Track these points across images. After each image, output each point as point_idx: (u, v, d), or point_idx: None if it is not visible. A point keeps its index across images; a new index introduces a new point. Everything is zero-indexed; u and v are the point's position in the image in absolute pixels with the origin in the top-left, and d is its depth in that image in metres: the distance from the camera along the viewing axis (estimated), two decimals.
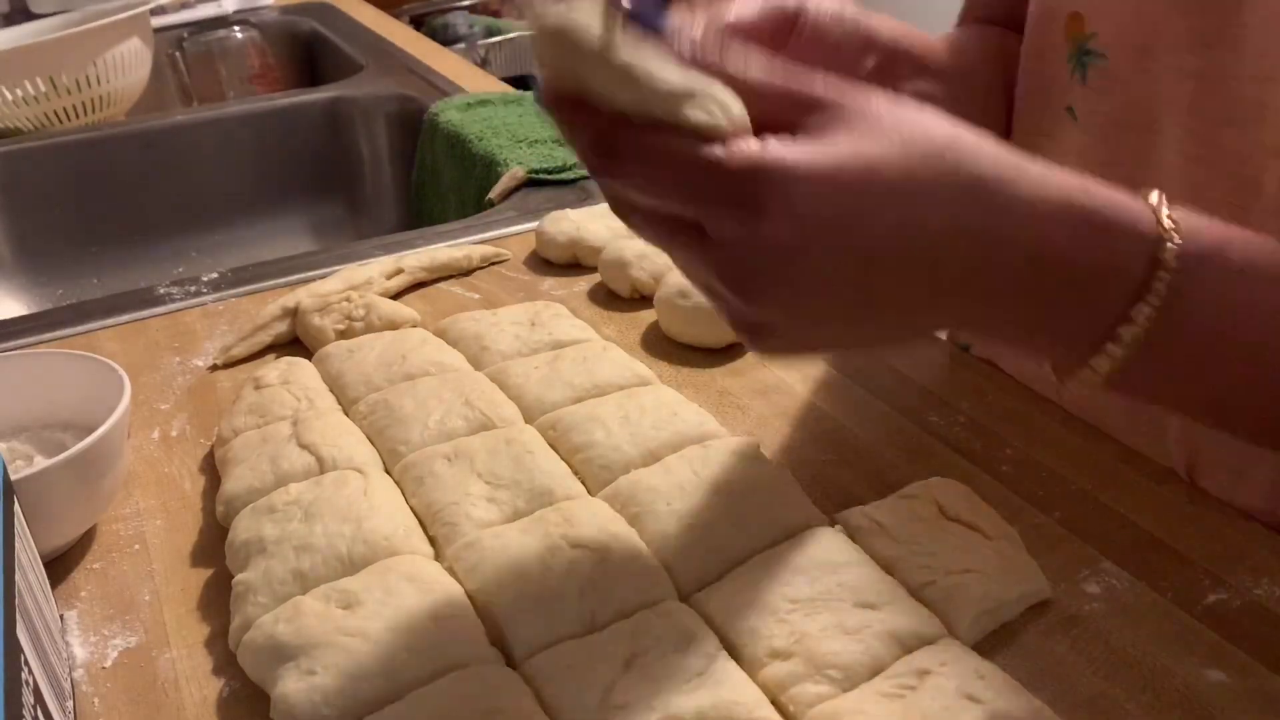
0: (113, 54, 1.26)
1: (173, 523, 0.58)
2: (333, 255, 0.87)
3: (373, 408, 0.63)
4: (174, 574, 0.55)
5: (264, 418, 0.62)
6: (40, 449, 0.59)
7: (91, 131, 1.23)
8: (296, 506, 0.53)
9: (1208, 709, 0.44)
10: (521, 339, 0.69)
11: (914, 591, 0.48)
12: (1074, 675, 0.46)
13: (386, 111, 1.30)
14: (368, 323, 0.73)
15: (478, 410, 0.61)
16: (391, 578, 0.49)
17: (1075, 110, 0.59)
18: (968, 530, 0.51)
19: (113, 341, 0.76)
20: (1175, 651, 0.46)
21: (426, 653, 0.45)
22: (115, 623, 0.52)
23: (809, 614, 0.47)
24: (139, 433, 0.66)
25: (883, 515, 0.52)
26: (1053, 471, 0.58)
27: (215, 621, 0.51)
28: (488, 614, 0.48)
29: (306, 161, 1.31)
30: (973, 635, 0.47)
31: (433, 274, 0.83)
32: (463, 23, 2.57)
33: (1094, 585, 0.50)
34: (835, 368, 0.68)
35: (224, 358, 0.73)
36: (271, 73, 1.54)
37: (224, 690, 0.48)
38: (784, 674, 0.44)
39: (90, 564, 0.55)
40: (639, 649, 0.45)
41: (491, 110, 1.16)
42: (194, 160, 1.26)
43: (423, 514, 0.55)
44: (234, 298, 0.82)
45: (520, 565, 0.49)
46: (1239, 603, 0.49)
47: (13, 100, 1.22)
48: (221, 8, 1.55)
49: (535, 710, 0.43)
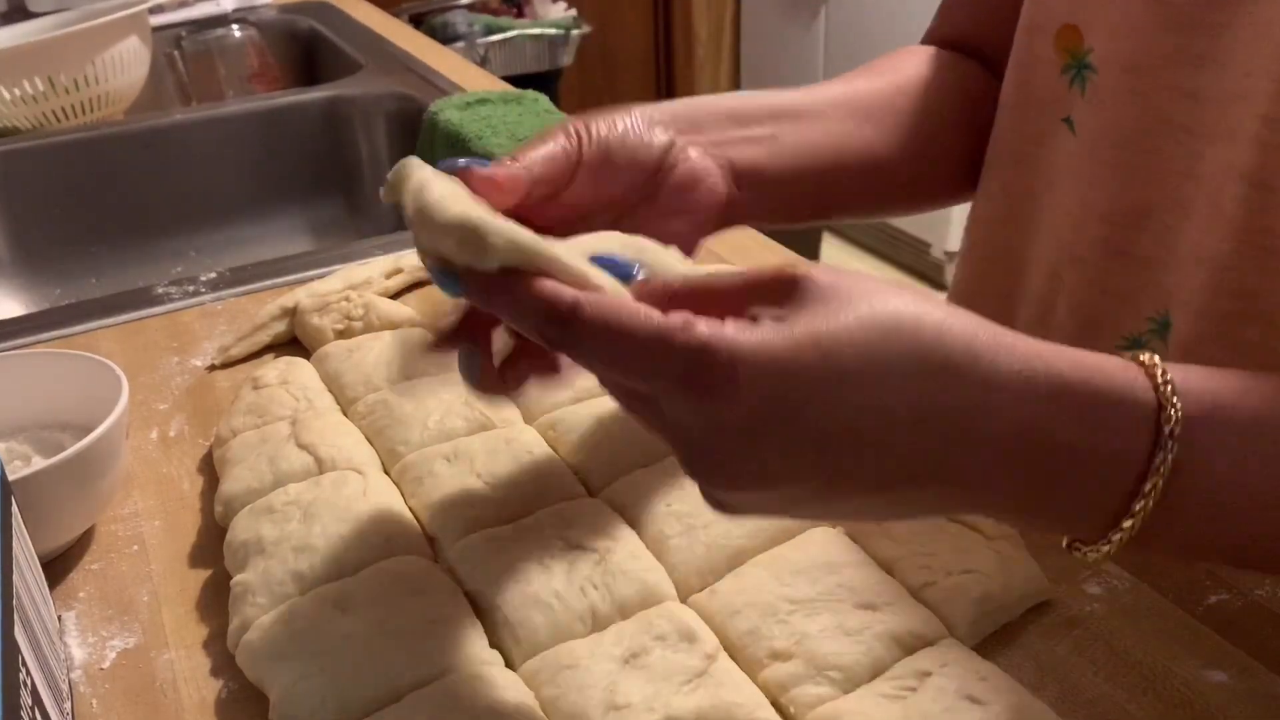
0: (111, 53, 1.25)
1: (171, 523, 0.58)
2: (332, 255, 0.87)
3: (372, 408, 0.63)
4: (172, 575, 0.54)
5: (263, 418, 0.62)
6: (39, 449, 0.58)
7: (90, 131, 1.23)
8: (295, 507, 0.53)
9: (1209, 710, 0.44)
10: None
11: (914, 592, 0.48)
12: (1075, 676, 0.46)
13: (386, 110, 1.30)
14: (367, 322, 0.73)
15: (477, 410, 0.61)
16: (390, 579, 0.49)
17: (1074, 122, 0.59)
18: (968, 530, 0.51)
19: (111, 341, 0.76)
20: (1176, 652, 0.46)
21: (425, 654, 0.45)
22: (113, 623, 0.51)
23: (809, 615, 0.47)
24: (137, 433, 0.65)
25: None
26: None
27: (214, 622, 0.51)
28: (488, 614, 0.48)
29: (305, 161, 1.31)
30: (973, 636, 0.47)
31: None
32: (462, 21, 2.58)
33: (1095, 586, 0.50)
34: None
35: (222, 358, 0.73)
36: (270, 72, 1.54)
37: (222, 691, 0.48)
38: (784, 675, 0.44)
39: (88, 564, 0.55)
40: (639, 649, 0.45)
41: (491, 109, 1.16)
42: (192, 159, 1.26)
43: (422, 514, 0.55)
44: (232, 297, 0.82)
45: (520, 565, 0.49)
46: (1240, 603, 0.49)
47: (10, 99, 1.22)
48: (220, 7, 1.54)
49: (535, 711, 0.43)
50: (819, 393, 0.35)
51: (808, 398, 0.35)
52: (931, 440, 0.36)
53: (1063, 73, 0.59)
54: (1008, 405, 0.36)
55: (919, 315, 0.36)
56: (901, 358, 0.35)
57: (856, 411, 0.35)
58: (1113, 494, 0.38)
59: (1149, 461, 0.37)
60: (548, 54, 2.65)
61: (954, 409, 0.36)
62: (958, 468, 0.37)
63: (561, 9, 2.75)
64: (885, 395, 0.35)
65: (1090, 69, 0.57)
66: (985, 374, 0.36)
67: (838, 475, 0.36)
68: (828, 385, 0.35)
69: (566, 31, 2.65)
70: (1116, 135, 0.56)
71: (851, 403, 0.35)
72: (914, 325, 0.36)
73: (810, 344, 0.35)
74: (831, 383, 0.35)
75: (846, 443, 0.36)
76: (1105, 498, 0.38)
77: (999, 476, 0.37)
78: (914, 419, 0.36)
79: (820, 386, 0.35)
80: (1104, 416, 0.37)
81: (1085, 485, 0.38)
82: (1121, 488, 0.38)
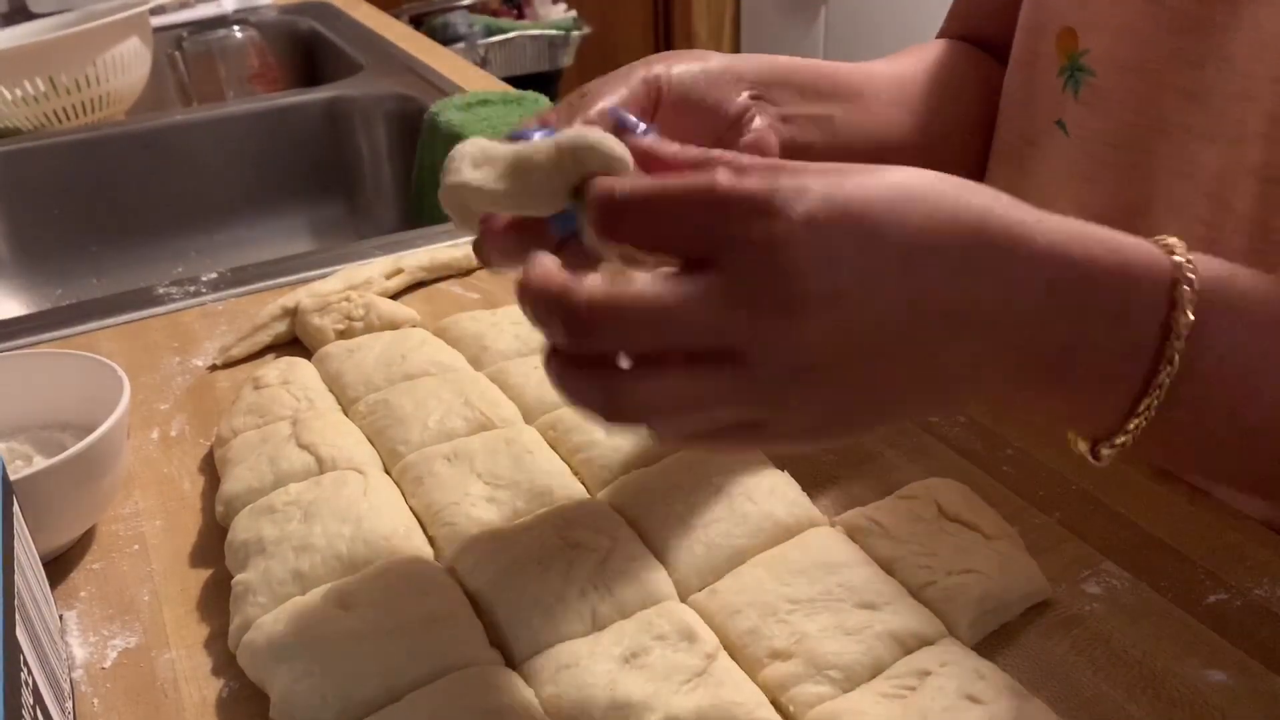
0: (112, 54, 1.25)
1: (172, 523, 0.58)
2: (332, 255, 0.87)
3: (372, 408, 0.63)
4: (173, 574, 0.55)
5: (263, 418, 0.62)
6: (40, 449, 0.59)
7: (91, 131, 1.23)
8: (296, 507, 0.53)
9: (1208, 709, 0.44)
10: (521, 339, 0.69)
11: (914, 592, 0.48)
12: (1075, 676, 0.46)
13: (386, 111, 1.30)
14: (367, 323, 0.73)
15: (477, 410, 0.61)
16: (391, 578, 0.49)
17: (1066, 124, 0.59)
18: (968, 530, 0.51)
19: (112, 341, 0.76)
20: (1176, 652, 0.46)
21: (426, 653, 0.45)
22: (115, 623, 0.51)
23: (809, 614, 0.47)
24: (138, 433, 0.66)
25: (883, 515, 0.52)
26: (1053, 471, 0.58)
27: (215, 622, 0.51)
28: (488, 614, 0.48)
29: (306, 161, 1.31)
30: (973, 636, 0.47)
31: (432, 274, 0.83)
32: (462, 22, 2.57)
33: (1094, 586, 0.50)
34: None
35: (223, 358, 0.73)
36: (271, 72, 1.54)
37: (223, 690, 0.48)
38: (784, 674, 0.44)
39: (90, 564, 0.55)
40: (639, 649, 0.45)
41: (491, 110, 1.16)
42: (193, 160, 1.26)
43: (422, 514, 0.55)
44: (233, 298, 0.82)
45: (520, 565, 0.49)
46: (1239, 603, 0.49)
47: (12, 100, 1.22)
48: (221, 7, 1.54)
49: (535, 710, 0.43)
50: (891, 217, 0.35)
51: (880, 223, 0.35)
52: (983, 284, 0.37)
53: (1058, 75, 0.59)
54: (1042, 253, 0.37)
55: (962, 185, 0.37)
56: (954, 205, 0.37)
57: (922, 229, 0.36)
58: (1137, 359, 0.38)
59: (1167, 327, 0.38)
60: (548, 55, 2.65)
61: (997, 262, 0.37)
62: (1004, 320, 0.37)
63: (561, 10, 2.75)
64: (943, 237, 0.36)
65: (1085, 71, 0.57)
66: (1023, 227, 0.37)
67: (916, 305, 0.36)
68: (895, 214, 0.35)
69: (566, 32, 2.65)
70: (1112, 136, 0.56)
71: (915, 222, 0.36)
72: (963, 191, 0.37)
73: (875, 185, 0.36)
74: (899, 212, 0.36)
75: (922, 263, 0.36)
76: (1128, 366, 0.39)
77: (1035, 324, 0.38)
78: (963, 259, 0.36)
79: (890, 215, 0.35)
80: (1128, 261, 0.38)
81: (1111, 349, 0.39)
82: (1145, 353, 0.38)
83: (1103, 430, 0.41)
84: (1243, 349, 0.40)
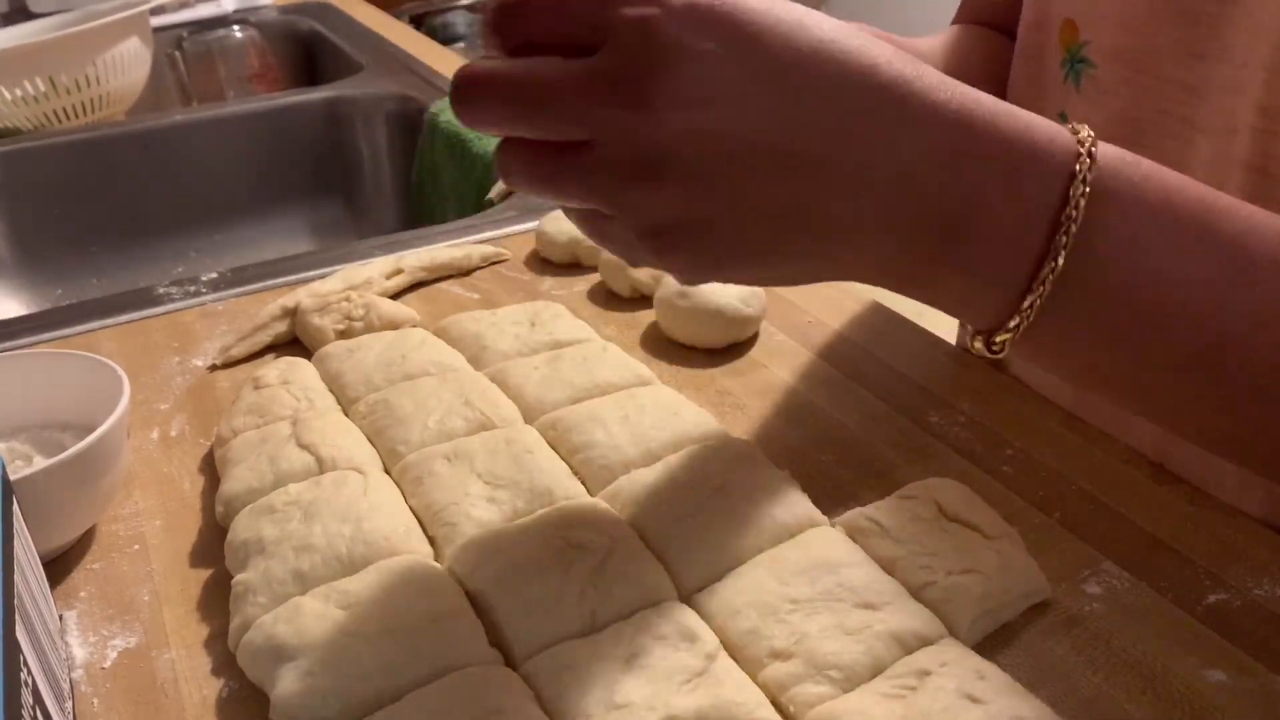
0: (112, 54, 1.26)
1: (172, 523, 0.58)
2: (332, 255, 0.87)
3: (372, 408, 0.63)
4: (173, 574, 0.55)
5: (263, 418, 0.62)
6: (40, 449, 0.59)
7: (91, 131, 1.23)
8: (296, 507, 0.53)
9: (1208, 709, 0.44)
10: (521, 339, 0.69)
11: (914, 592, 0.48)
12: (1075, 676, 0.46)
13: (386, 111, 1.30)
14: (367, 323, 0.73)
15: (478, 410, 0.61)
16: (391, 578, 0.49)
17: (1068, 117, 0.59)
18: (968, 530, 0.51)
19: (112, 341, 0.76)
20: (1176, 652, 0.46)
21: (426, 653, 0.45)
22: (114, 623, 0.51)
23: (809, 614, 0.47)
24: (138, 433, 0.66)
25: (883, 515, 0.52)
26: (1053, 471, 0.58)
27: (215, 622, 0.51)
28: (488, 614, 0.48)
29: (306, 161, 1.31)
30: (973, 636, 0.47)
31: (433, 274, 0.83)
32: (462, 22, 2.58)
33: (1094, 586, 0.50)
34: (834, 366, 0.68)
35: (223, 358, 0.73)
36: (271, 72, 1.54)
37: (223, 691, 0.48)
38: (784, 674, 0.44)
39: (89, 564, 0.55)
40: (639, 649, 0.45)
41: None
42: (193, 160, 1.26)
43: (422, 514, 0.55)
44: (233, 298, 0.82)
45: (520, 565, 0.49)
46: (1239, 603, 0.49)
47: (12, 100, 1.22)
48: (221, 7, 1.55)
49: (535, 710, 0.43)
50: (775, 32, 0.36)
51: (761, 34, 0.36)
52: (866, 124, 0.37)
53: (1061, 66, 0.59)
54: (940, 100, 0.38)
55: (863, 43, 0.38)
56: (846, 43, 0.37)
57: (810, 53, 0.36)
58: (1032, 230, 0.38)
59: (1064, 198, 0.38)
60: None
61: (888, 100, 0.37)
62: (881, 163, 0.37)
63: None
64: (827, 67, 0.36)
65: (1086, 63, 0.57)
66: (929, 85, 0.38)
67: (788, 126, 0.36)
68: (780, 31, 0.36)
69: None
70: (1112, 128, 0.56)
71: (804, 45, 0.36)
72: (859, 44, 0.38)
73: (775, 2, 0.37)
74: (785, 33, 0.36)
75: (797, 84, 0.36)
76: (1023, 237, 0.39)
77: (927, 179, 0.38)
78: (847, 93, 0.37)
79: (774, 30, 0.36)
80: (1030, 148, 0.39)
81: (1004, 218, 0.38)
82: (1039, 224, 0.38)
83: (998, 321, 0.41)
84: (1143, 226, 0.40)
